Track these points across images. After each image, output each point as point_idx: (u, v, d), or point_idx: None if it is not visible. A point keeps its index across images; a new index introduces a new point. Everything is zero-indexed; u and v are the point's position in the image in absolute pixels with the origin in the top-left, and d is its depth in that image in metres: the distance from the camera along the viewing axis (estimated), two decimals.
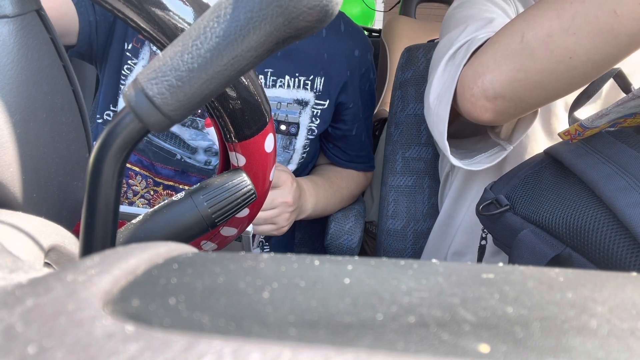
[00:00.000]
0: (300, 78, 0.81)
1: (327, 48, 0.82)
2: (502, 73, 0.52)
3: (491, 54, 0.53)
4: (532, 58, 0.49)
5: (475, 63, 0.55)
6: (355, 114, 0.89)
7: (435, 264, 0.16)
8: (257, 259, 0.16)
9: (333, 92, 0.83)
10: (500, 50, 0.52)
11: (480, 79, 0.53)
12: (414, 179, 0.92)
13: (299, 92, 0.81)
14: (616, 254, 0.44)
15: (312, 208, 0.84)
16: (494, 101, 0.53)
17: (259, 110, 0.37)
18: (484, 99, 0.54)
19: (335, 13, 0.21)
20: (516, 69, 0.51)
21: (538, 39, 0.49)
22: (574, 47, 0.47)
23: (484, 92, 0.53)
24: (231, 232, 0.46)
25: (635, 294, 0.14)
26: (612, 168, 0.47)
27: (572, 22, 0.47)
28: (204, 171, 0.79)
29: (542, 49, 0.49)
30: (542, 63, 0.49)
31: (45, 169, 0.30)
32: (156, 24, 0.31)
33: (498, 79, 0.52)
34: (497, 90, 0.52)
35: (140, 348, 0.10)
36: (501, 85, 0.52)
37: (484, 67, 0.53)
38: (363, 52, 0.87)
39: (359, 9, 2.55)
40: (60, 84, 0.31)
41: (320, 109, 0.83)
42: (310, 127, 0.83)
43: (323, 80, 0.82)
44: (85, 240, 0.24)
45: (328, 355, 0.10)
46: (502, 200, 0.56)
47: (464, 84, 0.55)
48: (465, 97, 0.56)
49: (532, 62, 0.50)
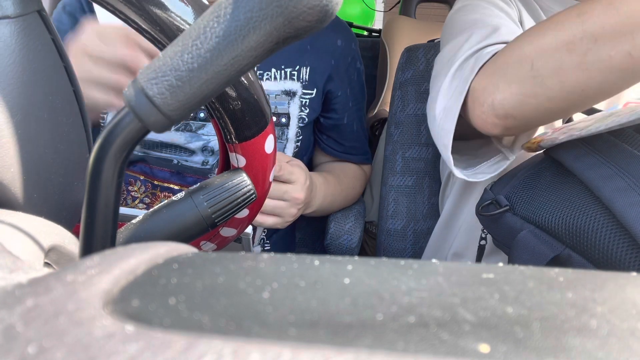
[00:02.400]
0: (286, 70, 0.82)
1: (309, 40, 0.84)
2: (512, 95, 0.51)
3: (501, 75, 0.52)
4: (542, 86, 0.49)
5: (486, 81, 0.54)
6: (345, 103, 0.90)
7: (435, 264, 0.16)
8: (257, 259, 0.16)
9: (319, 81, 0.85)
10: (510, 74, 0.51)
11: (490, 97, 0.53)
12: (414, 179, 0.92)
13: (286, 83, 0.82)
14: (615, 254, 0.44)
15: (319, 205, 0.84)
16: (504, 119, 0.53)
17: (259, 111, 0.37)
18: (494, 116, 0.53)
19: (335, 13, 0.21)
20: (527, 94, 0.50)
21: (548, 70, 0.48)
22: (587, 81, 0.46)
23: (494, 111, 0.53)
24: (231, 233, 0.46)
25: (635, 294, 0.14)
26: (611, 168, 0.47)
27: (584, 59, 0.46)
28: (200, 172, 0.80)
29: (552, 79, 0.48)
30: (553, 92, 0.48)
31: (45, 169, 0.30)
32: (156, 25, 0.31)
33: (509, 101, 0.52)
34: (507, 111, 0.52)
35: (140, 348, 0.10)
36: (512, 107, 0.52)
37: (494, 87, 0.53)
38: (346, 42, 0.89)
39: (359, 9, 2.55)
40: (61, 84, 0.31)
41: (308, 98, 0.85)
42: (301, 115, 0.85)
43: (308, 70, 0.84)
44: (85, 240, 0.24)
45: (328, 355, 0.10)
46: (502, 200, 0.56)
47: (474, 99, 0.55)
48: (475, 112, 0.55)
49: (542, 90, 0.49)
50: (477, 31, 0.62)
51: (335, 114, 0.90)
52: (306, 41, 0.84)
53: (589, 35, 0.45)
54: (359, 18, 2.52)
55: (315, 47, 0.85)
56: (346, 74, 0.89)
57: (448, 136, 0.59)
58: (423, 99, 0.91)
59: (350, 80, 0.91)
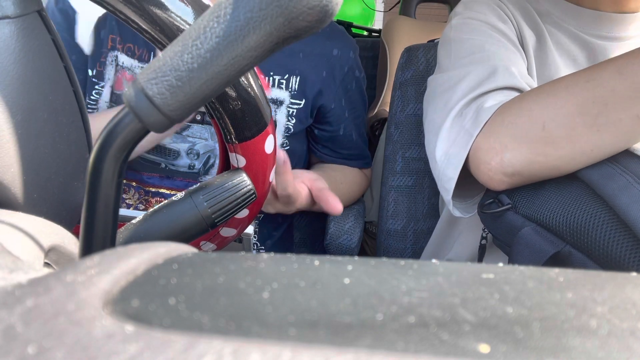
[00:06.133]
0: (275, 77, 0.80)
1: (302, 47, 0.82)
2: (521, 154, 0.52)
3: (509, 135, 0.53)
4: (553, 146, 0.49)
5: (492, 139, 0.54)
6: (340, 114, 0.88)
7: (435, 264, 0.16)
8: (257, 259, 0.16)
9: (309, 92, 0.82)
10: (519, 133, 0.52)
11: (498, 156, 0.53)
12: (414, 179, 0.92)
13: (274, 91, 0.80)
14: (616, 251, 0.44)
15: None
16: (512, 177, 0.54)
17: (259, 111, 0.37)
18: (502, 174, 0.54)
19: (335, 13, 0.21)
20: (536, 154, 0.51)
21: (560, 131, 0.49)
22: (598, 142, 0.47)
23: (502, 169, 0.53)
24: (231, 233, 0.46)
25: (635, 294, 0.14)
26: (613, 167, 0.47)
27: (595, 121, 0.47)
28: (189, 175, 0.79)
29: (564, 141, 0.49)
30: (564, 151, 0.49)
31: (45, 170, 0.30)
32: (156, 25, 0.31)
33: (518, 160, 0.52)
34: (516, 169, 0.53)
35: (140, 348, 0.10)
36: (520, 165, 0.52)
37: (502, 146, 0.53)
38: (343, 51, 0.85)
39: (359, 9, 2.55)
40: (61, 84, 0.31)
41: (295, 108, 0.82)
42: (287, 125, 0.83)
43: (298, 80, 0.81)
44: (85, 240, 0.24)
45: (328, 355, 0.10)
46: (504, 199, 0.57)
47: (479, 157, 0.56)
48: (481, 169, 0.56)
49: (553, 150, 0.50)
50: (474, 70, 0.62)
51: (330, 127, 0.88)
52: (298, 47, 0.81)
53: (599, 100, 0.46)
54: (359, 18, 2.52)
55: (308, 54, 0.81)
56: (342, 85, 0.86)
57: (450, 183, 0.59)
58: (423, 100, 0.91)
59: (346, 90, 0.88)
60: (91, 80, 0.76)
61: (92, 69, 0.76)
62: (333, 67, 0.84)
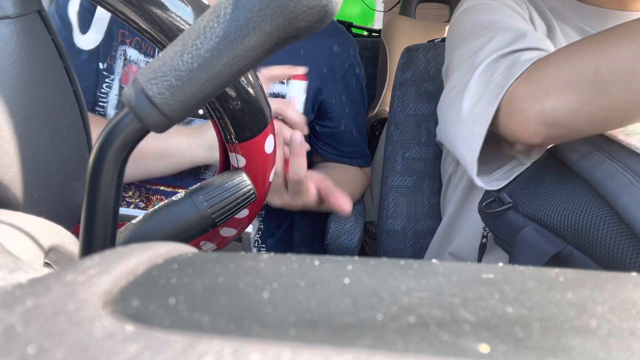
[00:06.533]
0: None
1: (303, 44, 0.82)
2: (566, 102, 0.48)
3: (554, 80, 0.49)
4: (604, 94, 0.46)
5: (532, 85, 0.51)
6: (340, 110, 0.89)
7: (435, 264, 0.16)
8: (257, 259, 0.16)
9: (310, 88, 0.83)
10: (566, 78, 0.48)
11: (538, 104, 0.50)
12: (414, 179, 0.92)
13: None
14: (617, 251, 0.44)
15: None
16: (550, 128, 0.50)
17: (259, 111, 0.37)
18: (540, 123, 0.50)
19: (335, 13, 0.21)
20: (584, 101, 0.47)
21: (615, 76, 0.45)
22: None
23: (542, 118, 0.50)
24: (231, 233, 0.46)
25: (635, 294, 0.14)
26: (614, 166, 0.47)
27: None
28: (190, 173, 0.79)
29: (617, 87, 0.45)
30: (615, 99, 0.46)
31: (45, 170, 0.30)
32: (156, 25, 0.31)
33: (561, 107, 0.48)
34: (557, 118, 0.49)
35: (140, 348, 0.10)
36: (563, 114, 0.49)
37: (543, 92, 0.49)
38: (343, 47, 0.86)
39: (359, 9, 2.55)
40: (62, 84, 0.31)
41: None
42: None
43: None
44: (85, 240, 0.24)
45: (328, 355, 0.10)
46: (505, 198, 0.56)
47: (515, 105, 0.52)
48: (515, 118, 0.52)
49: (603, 98, 0.46)
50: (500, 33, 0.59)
51: (331, 122, 0.89)
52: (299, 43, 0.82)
53: None
54: (359, 18, 2.52)
55: (309, 51, 0.82)
56: (342, 81, 0.87)
57: (477, 141, 0.56)
58: (423, 99, 0.91)
59: (347, 87, 0.89)
60: (102, 74, 0.76)
61: (103, 62, 0.76)
62: (333, 63, 0.85)
